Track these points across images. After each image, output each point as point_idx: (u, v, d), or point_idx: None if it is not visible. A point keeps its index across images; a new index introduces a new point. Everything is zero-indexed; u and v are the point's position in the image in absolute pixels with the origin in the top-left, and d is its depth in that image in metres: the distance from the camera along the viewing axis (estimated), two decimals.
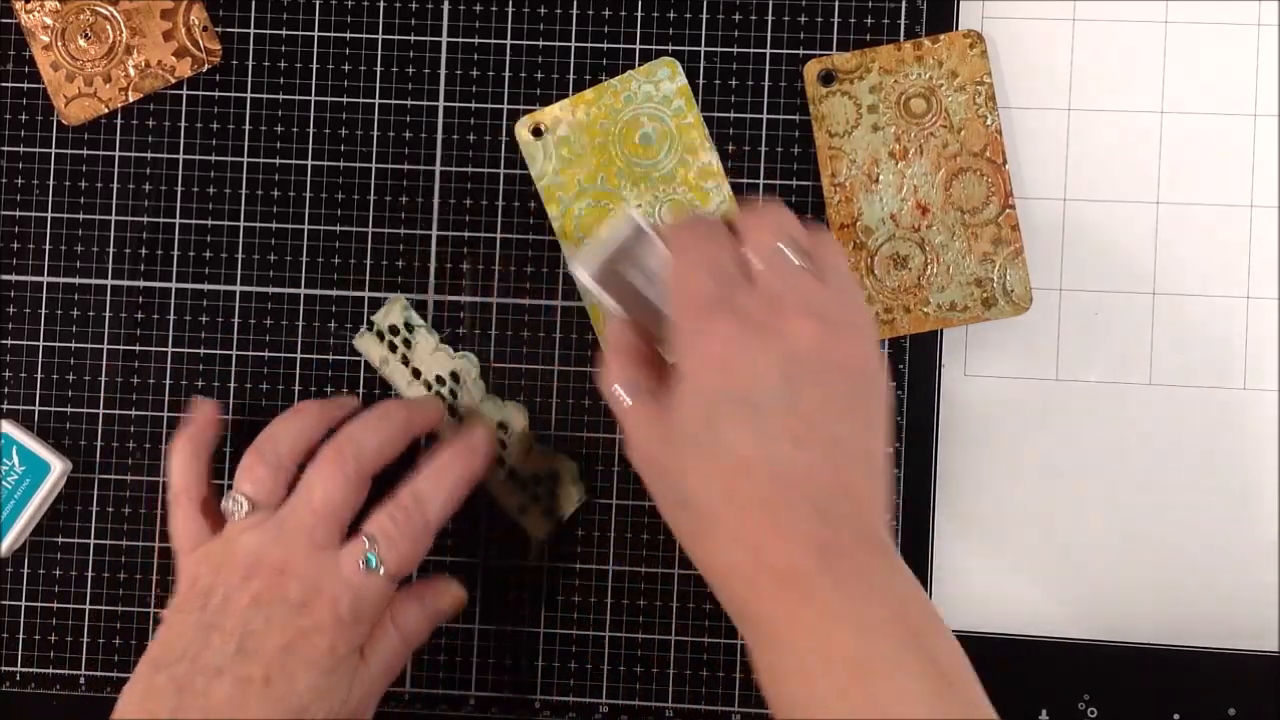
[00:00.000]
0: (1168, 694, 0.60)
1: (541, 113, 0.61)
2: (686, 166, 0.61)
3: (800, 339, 0.49)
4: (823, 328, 0.49)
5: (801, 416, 0.48)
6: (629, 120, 0.61)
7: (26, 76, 0.63)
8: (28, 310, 0.62)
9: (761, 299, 0.50)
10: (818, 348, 0.49)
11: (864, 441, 0.49)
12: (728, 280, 0.50)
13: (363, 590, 0.54)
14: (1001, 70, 0.61)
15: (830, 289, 0.50)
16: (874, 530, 0.48)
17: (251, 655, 0.52)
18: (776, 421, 0.48)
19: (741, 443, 0.48)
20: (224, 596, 0.53)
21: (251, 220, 0.62)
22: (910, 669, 0.45)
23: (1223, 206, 0.61)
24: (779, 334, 0.49)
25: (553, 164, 0.61)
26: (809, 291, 0.50)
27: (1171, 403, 0.61)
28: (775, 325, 0.49)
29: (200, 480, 0.58)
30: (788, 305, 0.49)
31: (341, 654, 0.53)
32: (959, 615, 0.61)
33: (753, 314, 0.49)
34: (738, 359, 0.49)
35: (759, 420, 0.48)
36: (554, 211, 0.61)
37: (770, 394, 0.48)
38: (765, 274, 0.50)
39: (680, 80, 0.61)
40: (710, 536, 0.48)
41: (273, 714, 0.51)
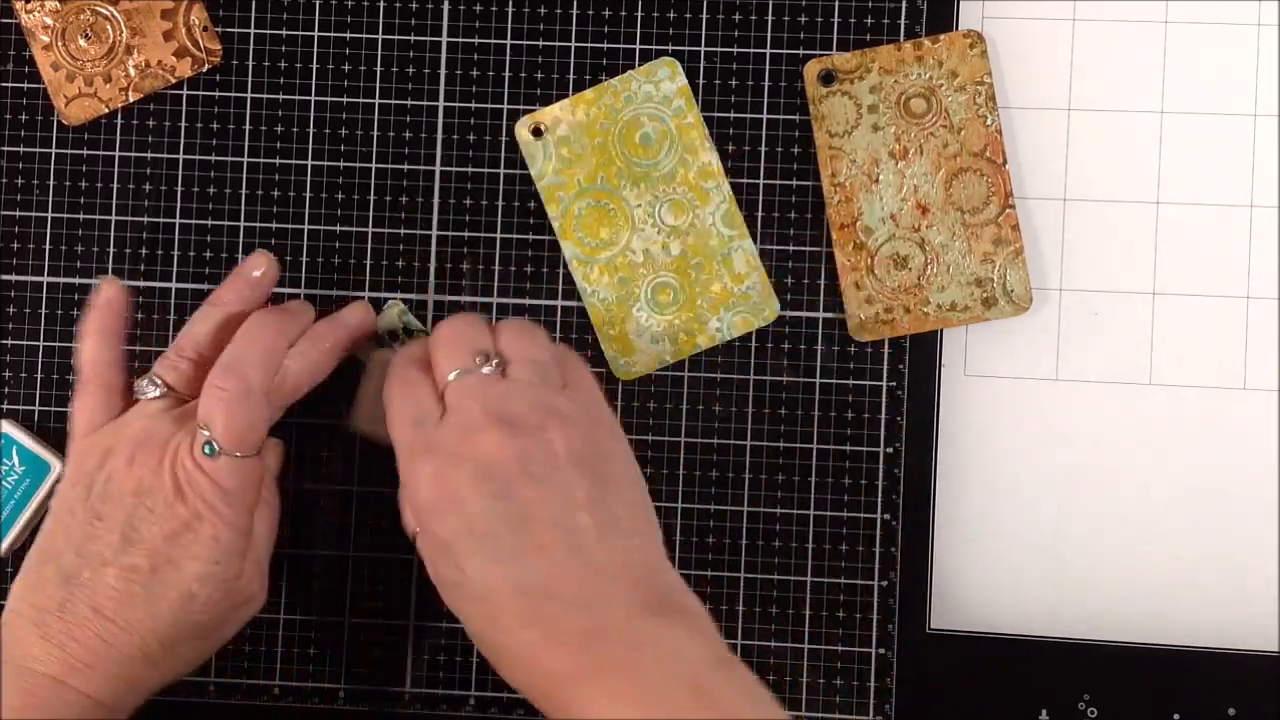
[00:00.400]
0: (1168, 694, 0.60)
1: (541, 113, 0.61)
2: (686, 166, 0.61)
3: (496, 454, 0.50)
4: (515, 433, 0.50)
5: (529, 523, 0.49)
6: (629, 120, 0.61)
7: (26, 76, 0.63)
8: (28, 310, 0.62)
9: (452, 427, 0.51)
10: (516, 454, 0.50)
11: (609, 514, 0.50)
12: (424, 420, 0.52)
13: (218, 474, 0.53)
14: (1001, 70, 0.61)
15: (521, 386, 0.52)
16: (645, 596, 0.49)
17: (136, 545, 0.52)
18: (505, 541, 0.49)
19: (485, 573, 0.49)
20: (105, 485, 0.53)
21: (251, 220, 0.62)
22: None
23: (1223, 206, 0.61)
24: (474, 457, 0.50)
25: (553, 164, 0.61)
26: (497, 401, 0.51)
27: (1171, 403, 0.61)
28: (467, 450, 0.50)
29: (110, 366, 0.57)
30: (475, 425, 0.50)
31: (226, 540, 0.53)
32: (959, 615, 0.61)
33: (447, 446, 0.51)
34: (446, 497, 0.50)
35: (490, 546, 0.49)
36: (554, 211, 0.61)
37: (488, 519, 0.49)
38: (451, 400, 0.52)
39: (680, 80, 0.61)
40: (506, 667, 0.50)
41: (160, 603, 0.52)
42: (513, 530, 0.49)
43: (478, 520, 0.49)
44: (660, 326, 0.61)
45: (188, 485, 0.53)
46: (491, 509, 0.49)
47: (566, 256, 0.61)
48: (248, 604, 0.55)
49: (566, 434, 0.51)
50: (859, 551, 0.61)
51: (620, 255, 0.61)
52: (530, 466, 0.50)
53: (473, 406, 0.51)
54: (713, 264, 0.61)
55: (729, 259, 0.61)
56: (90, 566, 0.52)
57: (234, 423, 0.53)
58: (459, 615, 0.51)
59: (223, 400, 0.53)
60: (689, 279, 0.61)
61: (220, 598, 0.53)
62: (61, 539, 0.53)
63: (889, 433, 0.61)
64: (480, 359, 0.52)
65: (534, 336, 0.54)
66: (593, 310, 0.61)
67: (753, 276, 0.61)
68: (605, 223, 0.61)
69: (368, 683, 0.61)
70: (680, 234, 0.61)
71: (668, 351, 0.61)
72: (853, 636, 0.60)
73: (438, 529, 0.50)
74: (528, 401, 0.51)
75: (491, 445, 0.50)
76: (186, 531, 0.52)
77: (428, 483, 0.50)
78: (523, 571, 0.49)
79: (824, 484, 0.61)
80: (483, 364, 0.52)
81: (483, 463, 0.50)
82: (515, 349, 0.53)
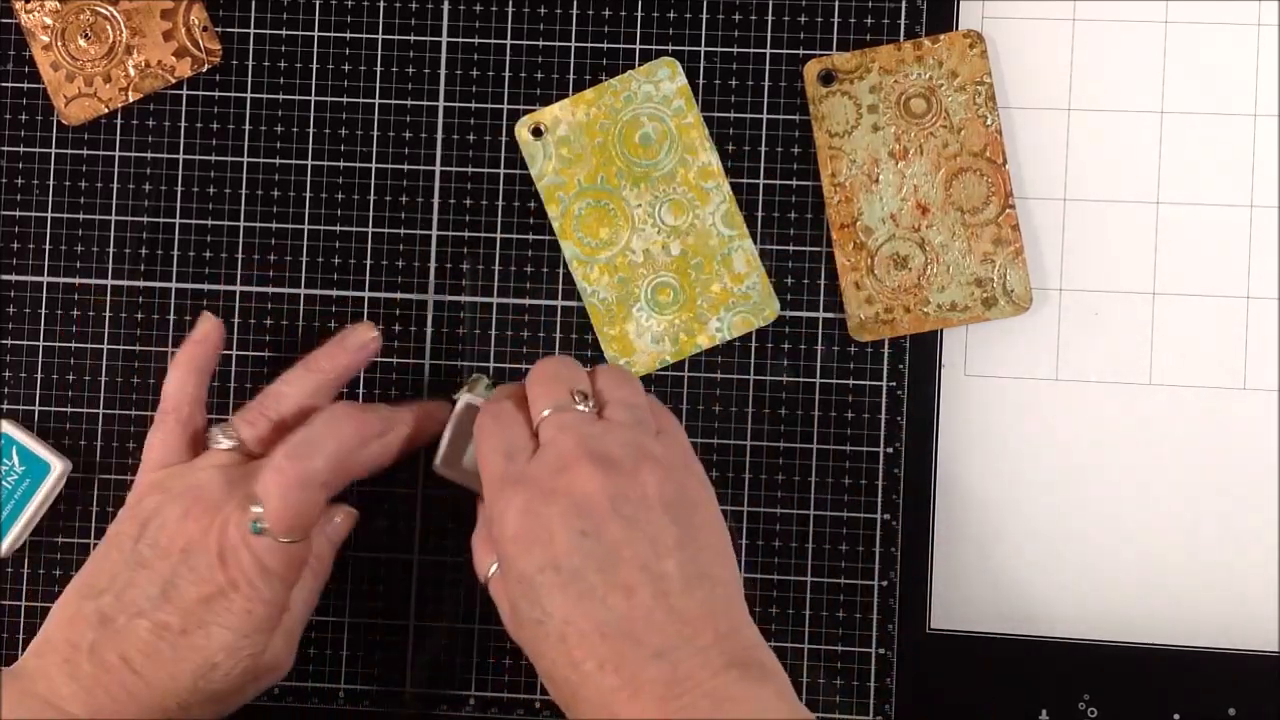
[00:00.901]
0: (1168, 694, 0.60)
1: (541, 113, 0.61)
2: (686, 166, 0.61)
3: (587, 489, 0.49)
4: (608, 471, 0.49)
5: (617, 563, 0.48)
6: (629, 120, 0.61)
7: (26, 76, 0.63)
8: (28, 310, 0.62)
9: (546, 462, 0.50)
10: (608, 492, 0.49)
11: (697, 564, 0.49)
12: (516, 454, 0.51)
13: (261, 553, 0.52)
14: (1001, 70, 0.61)
15: (617, 427, 0.51)
16: (726, 652, 0.48)
17: (172, 602, 0.52)
18: (590, 579, 0.48)
19: (569, 612, 0.48)
20: (157, 532, 0.53)
21: (251, 220, 0.62)
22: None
23: (1223, 206, 0.61)
24: (566, 492, 0.49)
25: (553, 164, 0.61)
26: (592, 439, 0.50)
27: (1171, 403, 0.61)
28: (563, 485, 0.49)
29: (193, 402, 0.57)
30: (569, 461, 0.50)
31: (258, 616, 0.52)
32: (959, 615, 0.61)
33: (539, 480, 0.50)
34: (534, 530, 0.49)
35: (575, 584, 0.48)
36: (554, 211, 0.61)
37: (575, 554, 0.49)
38: (546, 435, 0.51)
39: (680, 80, 0.61)
40: (575, 707, 0.49)
41: (183, 665, 0.52)
42: (599, 569, 0.48)
43: (565, 556, 0.49)
44: (660, 326, 0.61)
45: (230, 555, 0.52)
46: (580, 545, 0.48)
47: (566, 256, 0.61)
48: (271, 673, 0.55)
49: (659, 478, 0.50)
50: (859, 551, 0.61)
51: (620, 255, 0.61)
52: (621, 507, 0.49)
53: (567, 442, 0.50)
54: (713, 264, 0.61)
55: (729, 259, 0.61)
56: (126, 613, 0.52)
57: (287, 510, 0.52)
58: (532, 654, 0.50)
59: (281, 483, 0.52)
60: (689, 279, 0.61)
61: (241, 671, 0.53)
62: (106, 577, 0.53)
63: (889, 433, 0.61)
64: (577, 397, 0.52)
65: (630, 382, 0.54)
66: (593, 310, 0.61)
67: (753, 276, 0.61)
68: (605, 223, 0.61)
69: (368, 683, 0.61)
70: (680, 234, 0.61)
71: (668, 351, 0.61)
72: (853, 636, 0.60)
73: (523, 563, 0.49)
74: (622, 442, 0.51)
75: (584, 481, 0.49)
76: (221, 598, 0.52)
77: (517, 515, 0.50)
78: (606, 613, 0.48)
79: (824, 484, 0.61)
80: (579, 402, 0.52)
81: (574, 499, 0.49)
82: (612, 391, 0.53)
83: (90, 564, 0.54)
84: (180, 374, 0.57)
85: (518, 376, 0.61)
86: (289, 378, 0.57)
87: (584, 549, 0.48)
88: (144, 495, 0.55)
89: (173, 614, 0.52)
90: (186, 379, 0.57)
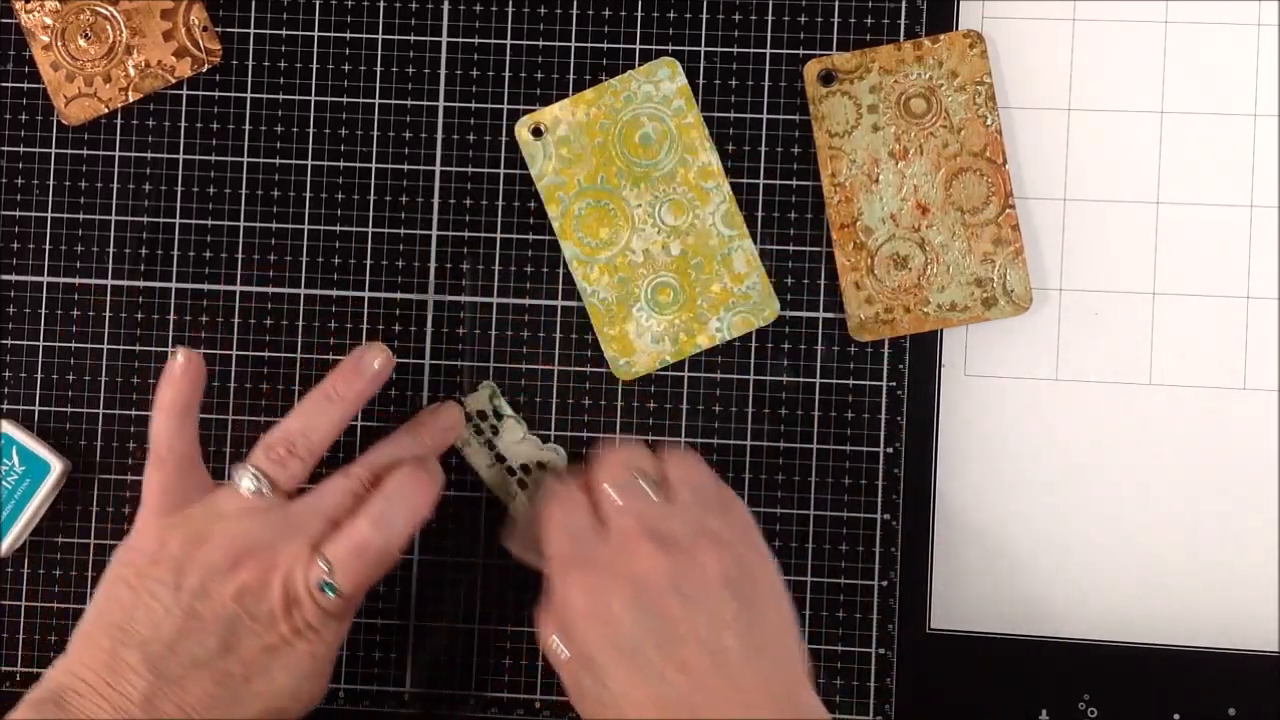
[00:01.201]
0: (1168, 694, 0.60)
1: (541, 113, 0.61)
2: (686, 166, 0.61)
3: (649, 569, 0.51)
4: (669, 550, 0.51)
5: (675, 640, 0.50)
6: (629, 120, 0.61)
7: (26, 76, 0.63)
8: (28, 310, 0.62)
9: (611, 544, 0.52)
10: (668, 571, 0.51)
11: (757, 640, 0.51)
12: (581, 536, 0.53)
13: (329, 606, 0.53)
14: (1001, 70, 0.61)
15: (679, 507, 0.53)
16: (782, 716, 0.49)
17: (234, 653, 0.52)
18: (649, 655, 0.50)
19: (629, 687, 0.50)
20: (203, 581, 0.52)
21: (251, 220, 0.62)
22: None
23: (1223, 206, 0.61)
24: (627, 573, 0.51)
25: (553, 164, 0.61)
26: (654, 519, 0.52)
27: (1171, 403, 0.61)
28: (623, 565, 0.51)
29: (188, 442, 0.56)
30: (631, 541, 0.52)
31: (321, 658, 0.54)
32: (959, 615, 0.61)
33: (603, 561, 0.52)
34: (598, 610, 0.51)
35: (634, 661, 0.50)
36: (554, 211, 0.61)
37: (636, 633, 0.50)
38: (611, 518, 0.53)
39: (680, 80, 0.61)
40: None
41: (244, 709, 0.52)
42: (658, 645, 0.50)
43: (625, 635, 0.50)
44: (660, 326, 0.61)
45: (295, 607, 0.52)
46: (639, 623, 0.50)
47: (566, 256, 0.61)
48: (311, 703, 0.55)
49: (719, 555, 0.51)
50: (859, 551, 0.61)
51: (620, 255, 0.61)
52: (681, 585, 0.51)
53: (629, 522, 0.52)
54: (713, 264, 0.61)
55: (729, 259, 0.61)
56: (183, 665, 0.51)
57: (362, 578, 0.53)
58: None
59: (362, 555, 0.53)
60: (689, 279, 0.61)
61: (300, 708, 0.54)
62: (147, 625, 0.52)
63: (889, 433, 0.61)
64: (643, 479, 0.54)
65: (696, 465, 0.55)
66: (592, 310, 0.61)
67: (753, 276, 0.61)
68: (605, 223, 0.61)
69: (368, 683, 0.61)
70: (680, 234, 0.61)
71: (668, 351, 0.61)
72: (853, 636, 0.60)
73: (586, 642, 0.51)
74: (683, 521, 0.52)
75: (644, 562, 0.51)
76: (285, 647, 0.52)
77: (581, 595, 0.51)
78: (665, 688, 0.49)
79: (824, 484, 0.61)
80: (644, 484, 0.53)
81: (635, 578, 0.51)
82: (677, 473, 0.54)
83: (111, 604, 0.53)
84: (164, 419, 0.56)
85: (518, 376, 0.61)
86: (311, 410, 0.56)
87: (643, 626, 0.50)
88: (165, 540, 0.53)
89: (235, 664, 0.52)
90: (173, 423, 0.56)
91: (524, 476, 0.61)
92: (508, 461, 0.61)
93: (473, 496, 0.61)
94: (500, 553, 0.61)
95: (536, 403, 0.61)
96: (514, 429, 0.61)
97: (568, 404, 0.61)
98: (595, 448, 0.58)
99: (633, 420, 0.61)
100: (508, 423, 0.61)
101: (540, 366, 0.62)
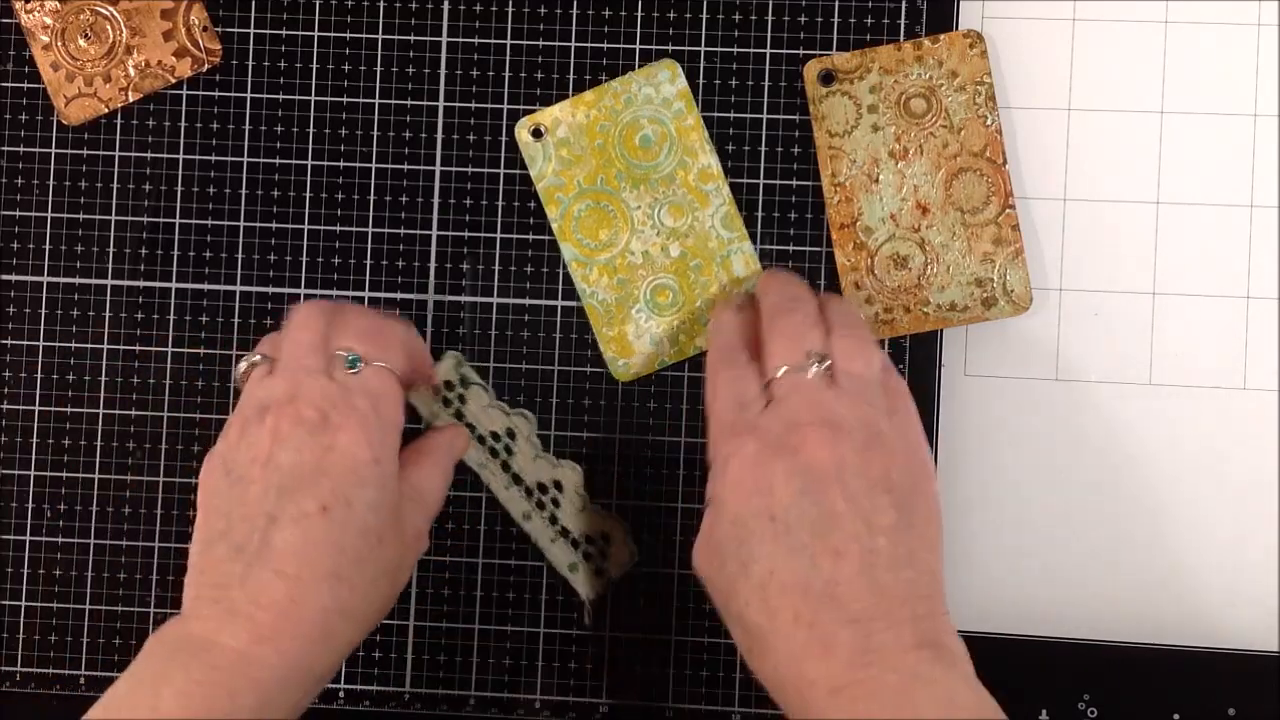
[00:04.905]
0: (1168, 694, 0.60)
1: (542, 114, 0.61)
2: (686, 169, 0.61)
3: (816, 453, 0.50)
4: (839, 440, 0.50)
5: (831, 529, 0.49)
6: (629, 122, 0.61)
7: (26, 76, 0.63)
8: (28, 310, 0.62)
9: (780, 418, 0.51)
10: (835, 461, 0.50)
11: (906, 546, 0.50)
12: (748, 405, 0.52)
13: (367, 388, 0.52)
14: (1001, 70, 0.61)
15: (851, 400, 0.51)
16: (919, 632, 0.48)
17: (294, 491, 0.50)
18: (803, 537, 0.49)
19: (773, 560, 0.49)
20: (247, 448, 0.51)
21: (251, 220, 0.62)
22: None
23: (1223, 206, 0.61)
24: (795, 450, 0.50)
25: (552, 165, 0.61)
26: (826, 406, 0.51)
27: (1171, 403, 0.61)
28: (792, 442, 0.50)
29: None
30: (803, 421, 0.51)
31: (380, 459, 0.51)
32: (959, 615, 0.61)
33: (771, 434, 0.51)
34: (757, 479, 0.50)
35: (787, 537, 0.49)
36: (553, 212, 0.61)
37: (792, 510, 0.49)
38: (779, 392, 0.52)
39: (681, 83, 0.61)
40: (759, 654, 0.50)
41: (338, 540, 0.50)
42: (813, 530, 0.49)
43: (782, 510, 0.49)
44: (660, 328, 0.61)
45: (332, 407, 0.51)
46: (798, 504, 0.49)
47: (565, 258, 0.61)
48: (416, 540, 0.54)
49: (885, 458, 0.51)
50: None
51: (619, 257, 0.61)
52: (846, 478, 0.50)
53: (801, 403, 0.51)
54: (712, 266, 0.61)
55: (728, 261, 0.61)
56: (258, 529, 0.50)
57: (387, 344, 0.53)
58: (725, 592, 0.50)
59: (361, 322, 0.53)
60: (688, 281, 0.61)
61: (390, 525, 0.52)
62: (219, 519, 0.51)
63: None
64: (814, 359, 0.52)
65: (867, 350, 0.53)
66: (591, 311, 0.61)
67: (752, 279, 0.61)
68: (604, 224, 0.61)
69: (368, 683, 0.61)
70: (680, 236, 0.61)
71: (667, 353, 0.61)
72: None
73: (740, 507, 0.50)
74: (856, 416, 0.51)
75: (814, 444, 0.50)
76: (334, 455, 0.50)
77: (742, 461, 0.50)
78: (813, 571, 0.48)
79: None
80: (815, 365, 0.52)
81: (801, 458, 0.50)
82: (848, 360, 0.52)
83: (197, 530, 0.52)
84: None
85: (518, 376, 0.61)
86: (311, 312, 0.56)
87: (801, 507, 0.49)
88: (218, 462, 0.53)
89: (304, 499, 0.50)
90: None
91: (493, 445, 0.61)
92: (477, 430, 0.61)
93: (473, 496, 0.61)
94: (500, 553, 0.61)
95: (536, 402, 0.61)
96: (480, 395, 0.61)
97: (567, 404, 0.61)
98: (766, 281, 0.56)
99: (633, 420, 0.61)
100: (474, 390, 0.61)
101: (540, 366, 0.62)
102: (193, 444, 0.62)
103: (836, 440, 0.50)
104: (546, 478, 0.61)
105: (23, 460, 0.62)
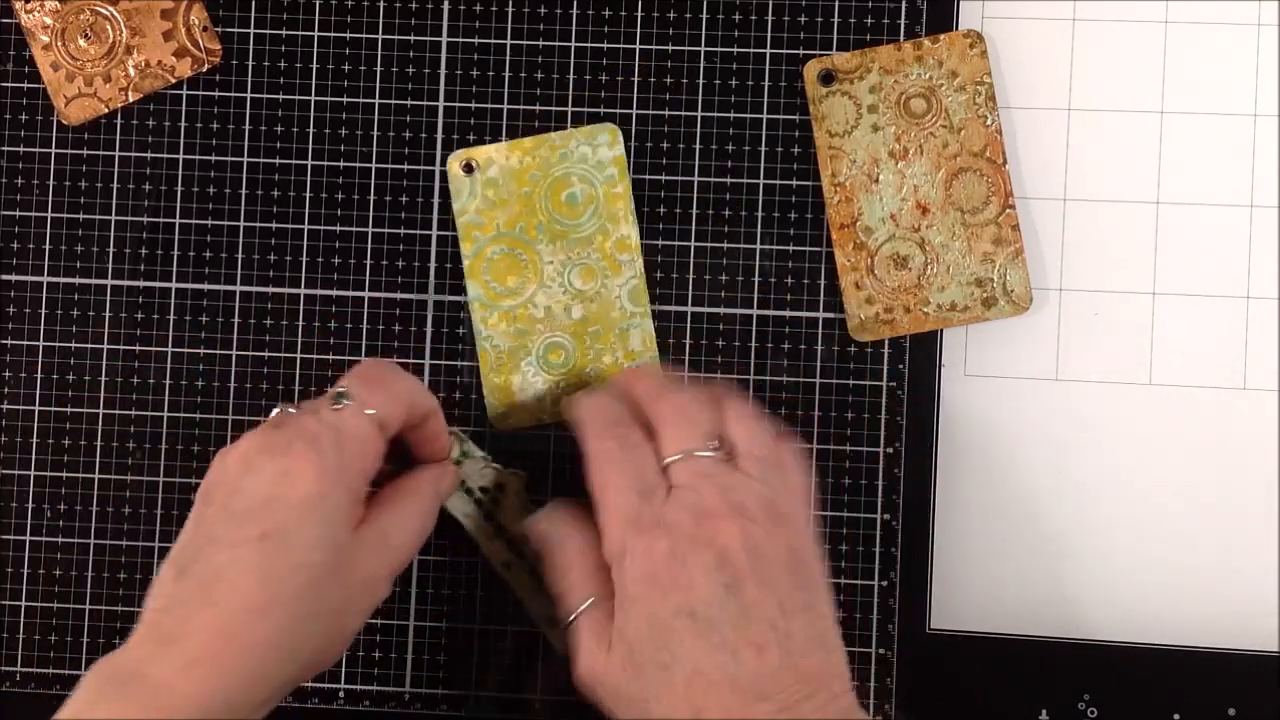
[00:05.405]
0: (1168, 694, 0.60)
1: (476, 150, 0.61)
2: (606, 235, 0.61)
3: (730, 544, 0.49)
4: (749, 528, 0.50)
5: (752, 622, 0.49)
6: (560, 177, 0.61)
7: (26, 76, 0.63)
8: (28, 310, 0.62)
9: (686, 509, 0.50)
10: (748, 550, 0.49)
11: (816, 628, 0.50)
12: (650, 494, 0.51)
13: (338, 424, 0.51)
14: (1001, 70, 0.61)
15: (753, 483, 0.51)
16: (839, 710, 0.49)
17: (241, 516, 0.49)
18: (725, 632, 0.49)
19: (698, 658, 0.48)
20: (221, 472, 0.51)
21: (251, 220, 0.62)
22: None
23: (1223, 206, 0.61)
24: (708, 543, 0.49)
25: (476, 203, 0.61)
26: (733, 493, 0.50)
27: (1171, 403, 0.61)
28: (705, 535, 0.50)
29: None
30: (714, 512, 0.50)
31: (329, 495, 0.50)
32: (959, 615, 0.61)
33: (683, 528, 0.50)
34: (675, 575, 0.49)
35: (710, 633, 0.49)
36: (466, 249, 0.61)
37: (714, 605, 0.49)
38: (683, 479, 0.51)
39: (619, 149, 0.61)
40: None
41: (278, 569, 0.49)
42: (734, 625, 0.49)
43: (703, 605, 0.49)
44: (543, 385, 0.61)
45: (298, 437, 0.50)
46: (719, 598, 0.49)
47: (469, 296, 0.61)
48: (367, 587, 0.52)
49: (789, 538, 0.50)
50: (859, 551, 0.61)
51: (523, 307, 0.61)
52: (758, 565, 0.49)
53: (710, 491, 0.50)
54: (610, 336, 0.61)
55: (626, 334, 0.61)
56: (201, 554, 0.49)
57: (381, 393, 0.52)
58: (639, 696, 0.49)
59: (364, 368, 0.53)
60: (584, 345, 0.61)
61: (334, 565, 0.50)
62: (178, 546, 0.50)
63: (889, 433, 0.61)
64: (709, 443, 0.52)
65: (761, 429, 0.53)
66: (483, 355, 0.61)
67: (645, 357, 0.60)
68: (515, 271, 0.61)
69: (368, 683, 0.61)
70: (585, 299, 0.61)
71: (546, 411, 0.61)
72: (853, 636, 0.60)
73: (657, 605, 0.49)
74: (757, 499, 0.51)
75: (727, 535, 0.49)
76: (285, 482, 0.49)
77: (660, 559, 0.50)
78: (738, 667, 0.48)
79: (824, 484, 0.61)
80: (711, 448, 0.52)
81: (717, 550, 0.49)
82: (744, 440, 0.52)
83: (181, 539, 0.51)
84: None
85: None
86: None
87: (723, 601, 0.49)
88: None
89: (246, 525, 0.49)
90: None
91: (481, 498, 0.60)
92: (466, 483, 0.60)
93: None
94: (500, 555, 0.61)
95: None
96: (477, 461, 0.60)
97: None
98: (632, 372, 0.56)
99: None
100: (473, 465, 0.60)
101: None
102: (193, 444, 0.62)
103: (747, 528, 0.50)
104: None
105: (23, 460, 0.62)
